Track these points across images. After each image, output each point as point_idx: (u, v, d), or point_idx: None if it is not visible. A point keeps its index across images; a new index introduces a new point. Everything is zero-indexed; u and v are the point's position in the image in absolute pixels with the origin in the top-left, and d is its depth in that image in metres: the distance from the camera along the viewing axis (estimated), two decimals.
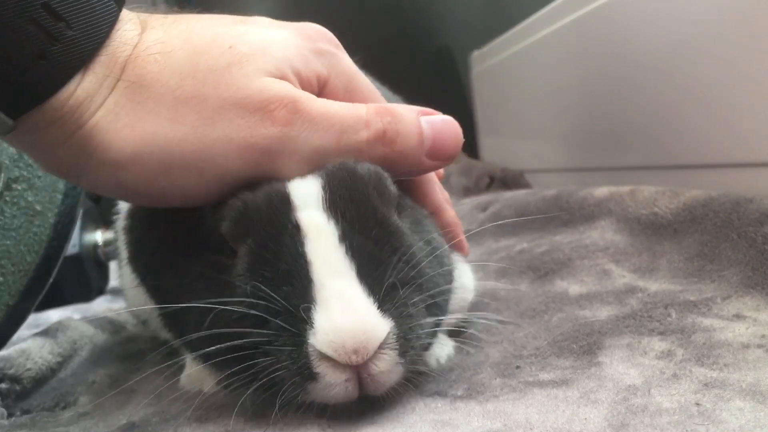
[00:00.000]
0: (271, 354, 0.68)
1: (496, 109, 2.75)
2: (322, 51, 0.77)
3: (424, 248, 0.76)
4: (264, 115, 0.68)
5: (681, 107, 1.44)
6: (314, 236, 0.68)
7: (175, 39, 0.70)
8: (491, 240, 1.52)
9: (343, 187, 0.71)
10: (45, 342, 1.14)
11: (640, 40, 1.56)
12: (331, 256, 0.68)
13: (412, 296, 0.70)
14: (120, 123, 0.67)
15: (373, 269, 0.69)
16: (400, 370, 0.69)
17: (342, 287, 0.66)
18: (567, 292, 1.09)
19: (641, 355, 0.80)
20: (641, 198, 1.26)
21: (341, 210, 0.70)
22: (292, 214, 0.69)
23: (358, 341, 0.65)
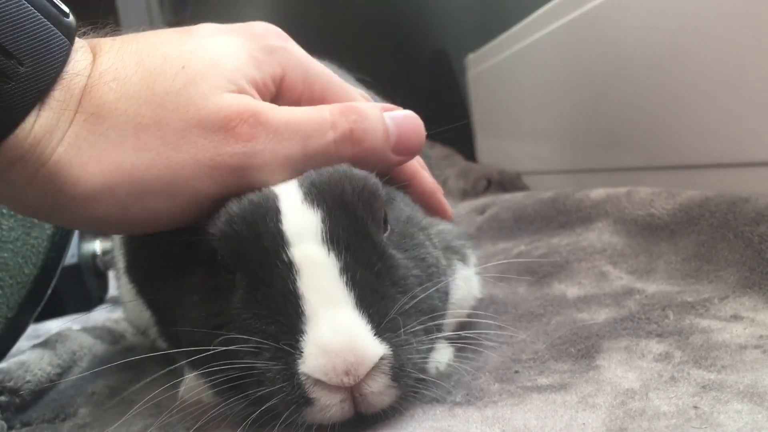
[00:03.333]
0: (264, 384, 0.69)
1: (493, 112, 2.75)
2: (272, 48, 0.76)
3: (419, 271, 0.77)
4: (227, 134, 0.68)
5: (676, 108, 1.44)
6: (310, 271, 0.69)
7: (127, 64, 0.69)
8: (489, 243, 1.53)
9: (343, 217, 0.71)
10: (44, 353, 1.14)
11: (634, 41, 1.57)
12: (328, 289, 0.68)
13: (411, 325, 0.71)
14: (84, 156, 0.66)
15: (375, 301, 0.70)
16: (394, 393, 0.70)
17: (335, 315, 0.67)
18: (565, 295, 1.09)
19: (639, 357, 0.80)
20: (638, 199, 1.27)
21: (344, 243, 0.71)
22: (284, 251, 0.70)
23: (348, 363, 0.66)
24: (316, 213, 0.71)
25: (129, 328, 1.44)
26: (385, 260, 0.73)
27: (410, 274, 0.76)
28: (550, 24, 2.01)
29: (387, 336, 0.68)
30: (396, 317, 0.70)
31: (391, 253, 0.75)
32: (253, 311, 0.71)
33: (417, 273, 0.77)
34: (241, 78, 0.71)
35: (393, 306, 0.71)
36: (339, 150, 0.74)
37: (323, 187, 0.72)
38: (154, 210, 0.70)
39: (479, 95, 2.92)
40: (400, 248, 0.78)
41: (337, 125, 0.73)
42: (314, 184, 0.72)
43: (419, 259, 0.78)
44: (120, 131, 0.66)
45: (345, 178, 0.73)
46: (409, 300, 0.72)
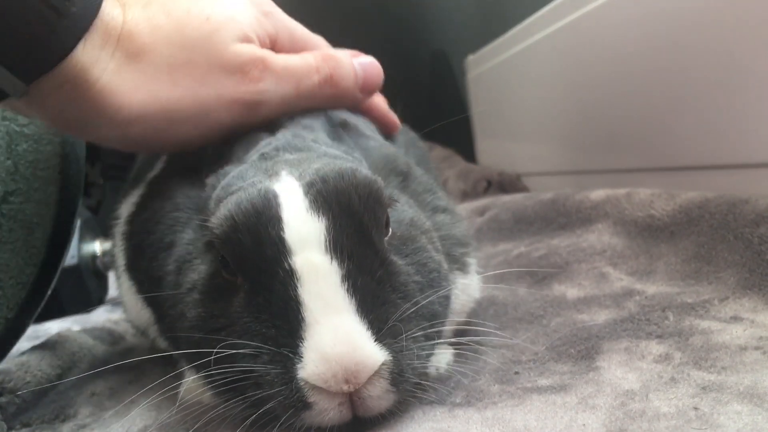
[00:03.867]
0: (263, 387, 0.70)
1: (493, 113, 2.76)
2: (267, 12, 0.92)
3: (420, 277, 0.77)
4: (243, 75, 0.84)
5: (675, 109, 1.45)
6: (312, 278, 0.70)
7: (158, 14, 0.83)
8: (489, 245, 1.53)
9: (347, 226, 0.72)
10: (44, 354, 1.14)
11: (633, 43, 1.57)
12: (329, 296, 0.69)
13: (411, 331, 0.71)
14: (126, 86, 0.80)
15: (376, 307, 0.70)
16: (393, 397, 0.70)
17: (336, 322, 0.68)
18: (565, 296, 1.09)
19: (639, 359, 0.80)
20: (637, 200, 1.27)
21: (347, 251, 0.71)
22: (285, 259, 0.70)
23: (348, 371, 0.66)
24: (321, 221, 0.71)
25: (129, 329, 1.44)
26: (386, 267, 0.74)
27: (411, 280, 0.76)
28: (550, 26, 2.01)
29: (387, 342, 0.69)
30: (396, 323, 0.70)
31: (392, 259, 0.75)
32: (254, 315, 0.72)
33: (418, 279, 0.77)
34: (251, 32, 0.87)
35: (394, 312, 0.71)
36: (322, 91, 0.91)
37: (329, 196, 0.73)
38: (180, 135, 0.87)
39: (479, 96, 2.92)
40: (401, 253, 0.78)
41: (321, 70, 0.90)
42: (320, 193, 0.73)
43: (421, 264, 0.79)
44: (156, 68, 0.81)
45: (351, 186, 0.74)
46: (410, 306, 0.73)
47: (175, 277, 0.86)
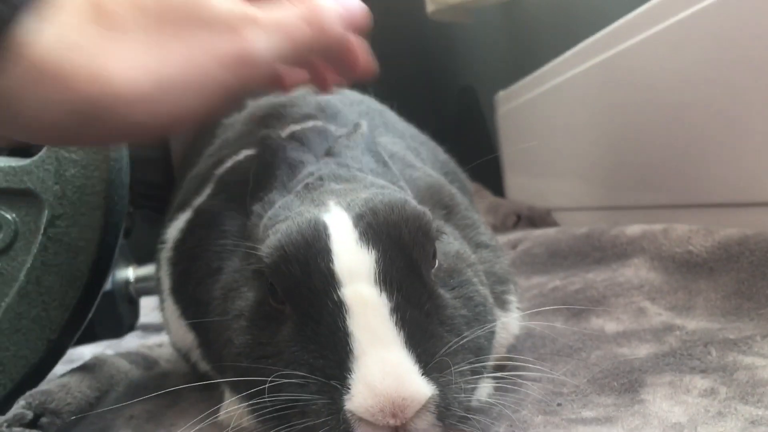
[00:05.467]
0: (309, 416, 0.70)
1: (522, 149, 2.77)
2: None
3: (466, 311, 0.77)
4: (234, 33, 0.77)
5: (708, 146, 1.45)
6: (361, 310, 0.70)
7: None
8: (522, 278, 1.53)
9: (397, 259, 0.73)
10: (84, 377, 1.15)
11: (667, 79, 1.58)
12: (378, 328, 0.69)
13: (458, 365, 0.71)
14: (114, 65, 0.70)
15: (425, 340, 0.70)
16: (438, 431, 0.69)
17: (384, 354, 0.68)
18: (603, 330, 1.09)
19: (684, 393, 0.80)
20: (675, 236, 1.27)
21: (396, 284, 0.71)
22: (334, 291, 0.71)
23: (396, 405, 0.66)
24: (371, 253, 0.72)
25: (163, 354, 1.45)
26: (434, 300, 0.74)
27: (458, 313, 0.76)
28: (582, 63, 2.03)
29: (434, 376, 0.68)
30: (443, 357, 0.70)
31: (439, 292, 0.76)
32: (302, 344, 0.72)
33: (464, 313, 0.77)
34: None
35: (441, 346, 0.71)
36: (316, 39, 0.86)
37: (380, 229, 0.74)
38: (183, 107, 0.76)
39: (508, 132, 2.94)
40: (447, 285, 0.79)
41: (308, 19, 0.85)
42: (371, 226, 0.74)
43: (467, 299, 0.79)
44: (139, 37, 0.72)
45: (402, 220, 0.75)
46: (457, 340, 0.72)
47: (222, 303, 0.87)
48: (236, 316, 0.83)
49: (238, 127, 1.28)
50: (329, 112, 1.21)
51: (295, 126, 1.12)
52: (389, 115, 1.34)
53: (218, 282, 0.90)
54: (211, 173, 1.11)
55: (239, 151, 1.11)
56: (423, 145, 1.28)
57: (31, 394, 1.03)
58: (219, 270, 0.92)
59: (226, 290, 0.88)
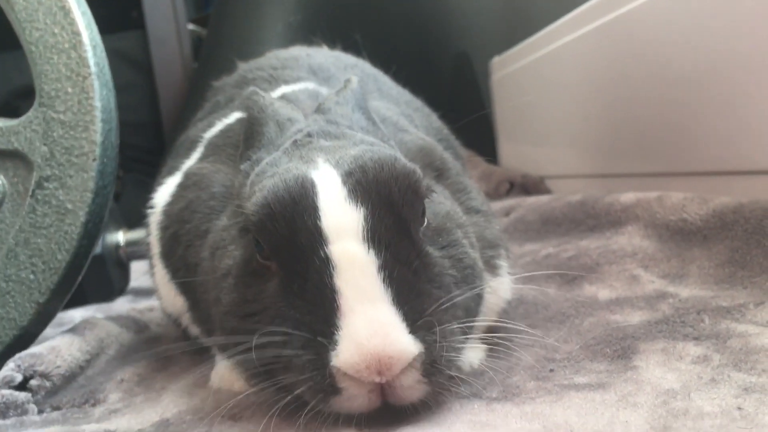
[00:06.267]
0: (293, 372, 0.70)
1: (516, 116, 2.75)
2: None
3: (455, 271, 0.77)
4: None
5: (707, 113, 1.43)
6: (348, 267, 0.70)
7: None
8: (515, 245, 1.52)
9: (386, 217, 0.72)
10: (73, 339, 1.14)
11: (664, 46, 1.56)
12: (365, 285, 0.69)
13: (445, 322, 0.71)
14: None
15: (412, 298, 0.70)
16: (424, 388, 0.70)
17: (371, 312, 0.68)
18: (596, 297, 1.09)
19: (677, 359, 0.80)
20: (669, 204, 1.26)
21: (384, 242, 0.71)
22: (321, 248, 0.70)
23: (382, 363, 0.66)
24: (359, 211, 0.72)
25: (153, 318, 1.45)
26: (423, 258, 0.74)
27: (446, 273, 0.76)
28: (578, 29, 2.01)
29: (421, 334, 0.68)
30: (431, 315, 0.70)
31: (428, 251, 0.75)
32: (289, 301, 0.72)
33: (453, 273, 0.77)
34: None
35: (429, 304, 0.71)
36: None
37: (369, 187, 0.73)
38: None
39: (503, 99, 2.91)
40: (436, 244, 0.78)
41: None
42: (360, 183, 0.73)
43: (456, 259, 0.79)
44: None
45: (391, 178, 0.74)
46: (446, 299, 0.72)
47: (210, 262, 0.87)
48: (224, 275, 0.82)
49: (229, 90, 1.26)
50: (322, 75, 1.19)
51: (286, 87, 1.10)
52: (384, 80, 1.32)
53: (207, 243, 0.90)
54: (200, 137, 1.10)
55: (229, 114, 1.10)
56: (417, 112, 1.27)
57: (21, 356, 1.02)
58: (208, 231, 0.91)
59: (213, 249, 0.87)
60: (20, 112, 1.15)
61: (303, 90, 1.06)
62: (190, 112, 1.55)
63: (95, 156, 1.14)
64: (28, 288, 1.11)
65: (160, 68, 3.35)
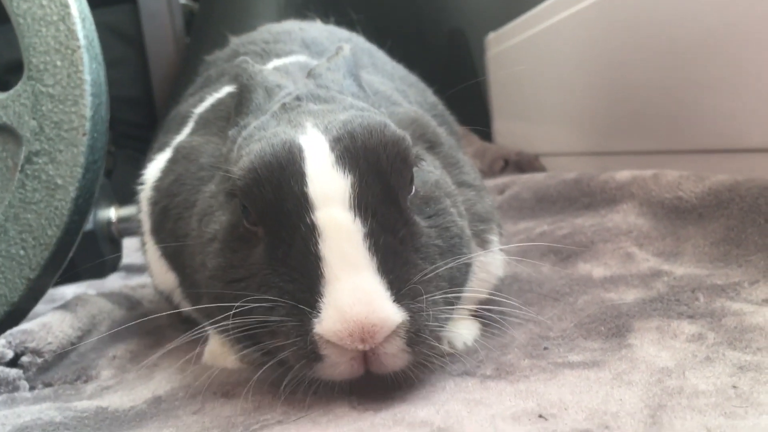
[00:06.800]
0: (278, 337, 0.71)
1: (511, 93, 2.73)
2: None
3: (441, 241, 0.76)
4: None
5: (704, 91, 1.42)
6: (334, 234, 0.69)
7: None
8: (510, 223, 1.52)
9: (374, 184, 0.71)
10: (65, 316, 1.14)
11: (660, 23, 1.54)
12: (351, 253, 0.68)
13: (431, 292, 0.71)
14: None
15: (397, 266, 0.70)
16: (407, 357, 0.70)
17: (356, 280, 0.67)
18: (591, 275, 1.09)
19: (672, 338, 0.80)
20: (665, 182, 1.25)
21: (372, 209, 0.70)
22: (307, 214, 0.70)
23: (366, 331, 0.66)
24: (347, 178, 0.71)
25: (146, 295, 1.44)
26: (409, 227, 0.73)
27: (432, 242, 0.75)
28: (575, 5, 1.98)
29: (405, 302, 0.68)
30: (416, 284, 0.70)
31: (415, 220, 0.74)
32: (274, 267, 0.72)
33: (439, 243, 0.76)
34: None
35: (414, 273, 0.70)
36: None
37: (357, 153, 0.72)
38: None
39: (498, 75, 2.89)
40: (423, 213, 0.77)
41: None
42: (348, 150, 0.72)
43: (443, 228, 0.78)
44: None
45: (380, 145, 0.73)
46: (431, 269, 0.72)
47: (198, 229, 0.86)
48: (210, 239, 0.82)
49: (221, 64, 1.25)
50: (315, 48, 1.17)
51: (278, 61, 1.09)
52: (378, 55, 1.30)
53: (195, 212, 0.89)
54: (191, 112, 1.09)
55: (220, 89, 1.08)
56: (412, 87, 1.25)
57: (12, 333, 1.02)
58: (196, 202, 0.90)
59: (201, 216, 0.87)
60: (10, 86, 1.13)
61: (295, 63, 1.05)
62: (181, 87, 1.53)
63: (85, 130, 1.12)
64: (19, 264, 1.10)
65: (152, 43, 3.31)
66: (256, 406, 0.75)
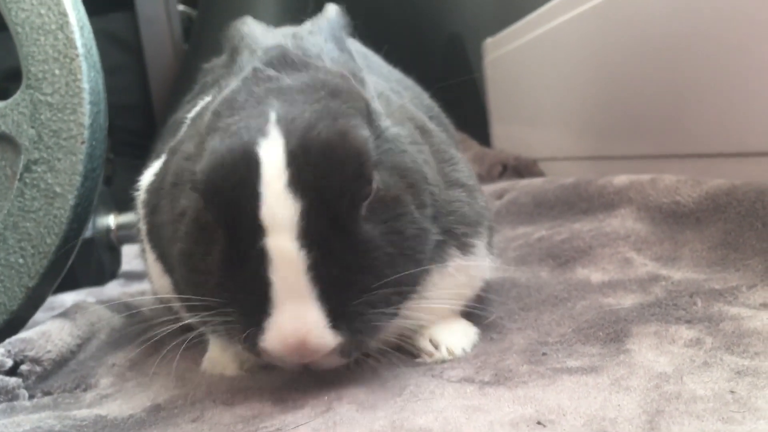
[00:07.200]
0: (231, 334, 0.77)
1: (509, 97, 2.74)
2: None
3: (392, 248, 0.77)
4: None
5: (701, 95, 1.43)
6: (280, 263, 0.71)
7: None
8: (508, 228, 1.52)
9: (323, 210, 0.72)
10: (64, 324, 1.14)
11: (657, 28, 1.55)
12: (294, 282, 0.71)
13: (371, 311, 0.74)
14: None
15: (339, 293, 0.72)
16: (344, 361, 0.77)
17: (297, 309, 0.71)
18: (589, 280, 1.09)
19: (670, 342, 0.80)
20: (662, 186, 1.25)
21: (318, 238, 0.72)
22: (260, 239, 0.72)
23: (303, 356, 0.73)
24: (296, 204, 0.71)
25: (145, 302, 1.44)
26: (357, 246, 0.74)
27: (383, 253, 0.76)
28: (572, 10, 1.99)
29: (343, 326, 0.72)
30: (356, 305, 0.73)
31: (365, 235, 0.75)
32: (229, 274, 0.75)
33: (390, 250, 0.76)
34: None
35: (355, 296, 0.73)
36: None
37: (310, 175, 0.72)
38: None
39: (496, 80, 2.90)
40: (380, 219, 0.77)
41: None
42: (302, 170, 0.72)
43: (397, 233, 0.78)
44: None
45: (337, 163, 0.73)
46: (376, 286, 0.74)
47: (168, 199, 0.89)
48: (180, 214, 0.83)
49: (218, 71, 1.25)
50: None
51: None
52: (375, 59, 1.30)
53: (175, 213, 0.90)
54: (185, 118, 1.09)
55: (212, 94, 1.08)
56: (408, 90, 1.25)
57: (11, 341, 1.02)
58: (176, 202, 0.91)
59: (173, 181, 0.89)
60: (9, 95, 1.14)
61: None
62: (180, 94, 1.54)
63: (84, 139, 1.12)
64: (18, 272, 1.10)
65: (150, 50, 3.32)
66: (256, 414, 0.75)
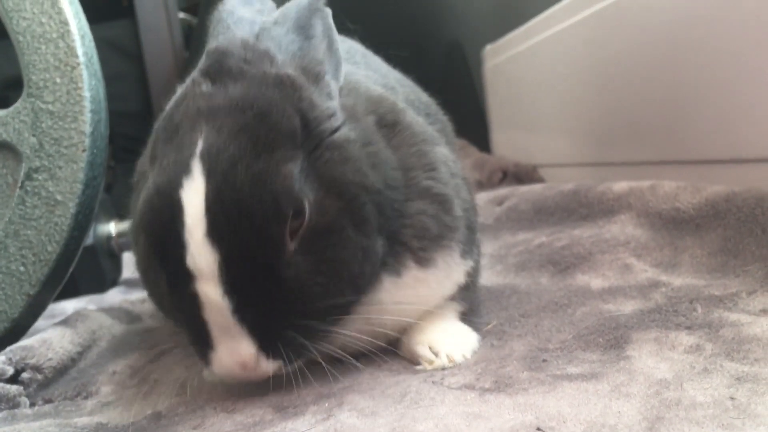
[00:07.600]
0: None
1: (509, 104, 2.74)
2: None
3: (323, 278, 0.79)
4: None
5: (700, 101, 1.43)
6: (209, 307, 0.76)
7: None
8: (508, 234, 1.52)
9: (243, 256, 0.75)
10: (65, 332, 1.14)
11: (657, 34, 1.55)
12: (224, 324, 0.76)
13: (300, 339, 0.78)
14: None
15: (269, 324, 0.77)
16: None
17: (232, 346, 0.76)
18: (589, 286, 1.09)
19: (670, 349, 0.80)
20: (662, 193, 1.26)
21: (239, 284, 0.75)
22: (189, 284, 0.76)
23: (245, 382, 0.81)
24: (216, 253, 0.74)
25: (145, 310, 1.44)
26: (282, 284, 0.77)
27: (314, 283, 0.78)
28: (571, 17, 2.00)
29: (278, 354, 0.77)
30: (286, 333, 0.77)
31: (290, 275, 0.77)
32: (176, 308, 0.82)
33: (320, 280, 0.79)
34: None
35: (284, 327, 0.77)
36: None
37: (226, 224, 0.74)
38: None
39: (495, 87, 2.90)
40: (311, 250, 0.78)
41: None
42: (218, 218, 0.74)
43: (329, 261, 0.79)
44: None
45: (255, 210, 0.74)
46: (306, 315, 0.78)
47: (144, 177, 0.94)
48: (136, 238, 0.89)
49: None
50: None
51: None
52: (373, 59, 1.29)
53: None
54: None
55: None
56: (405, 87, 1.23)
57: (12, 349, 1.02)
58: None
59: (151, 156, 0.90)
60: (10, 103, 1.14)
61: None
62: None
63: (84, 147, 1.13)
64: (19, 280, 1.11)
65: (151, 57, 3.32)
66: (257, 421, 0.75)
